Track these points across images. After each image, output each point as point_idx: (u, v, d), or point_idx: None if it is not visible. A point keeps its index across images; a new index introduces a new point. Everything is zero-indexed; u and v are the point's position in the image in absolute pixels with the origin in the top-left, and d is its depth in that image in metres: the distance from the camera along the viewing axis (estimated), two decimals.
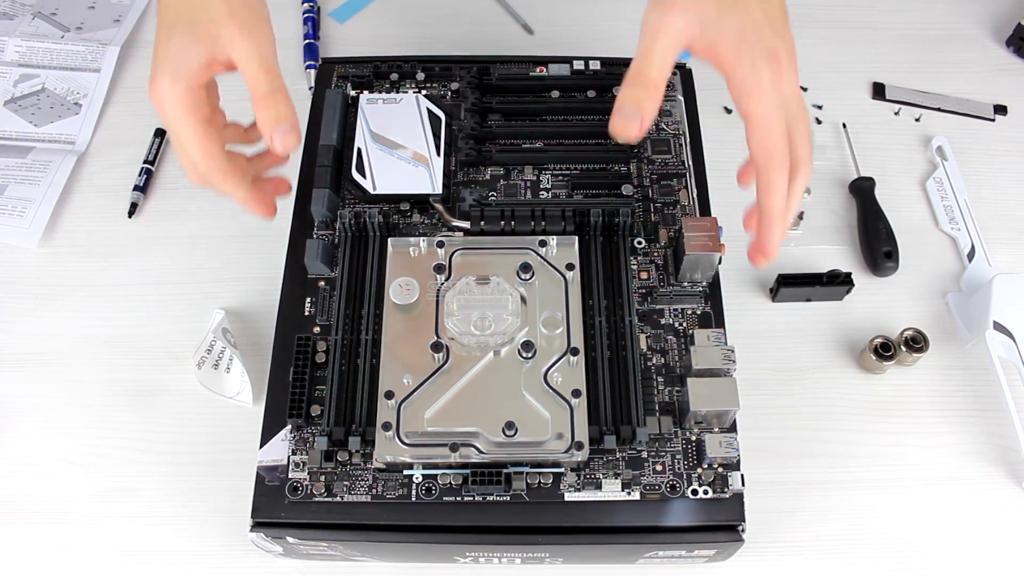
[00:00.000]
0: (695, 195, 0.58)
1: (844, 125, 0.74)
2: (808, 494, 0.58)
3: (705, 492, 0.48)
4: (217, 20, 0.45)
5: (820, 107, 0.75)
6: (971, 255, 0.67)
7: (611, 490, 0.47)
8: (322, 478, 0.47)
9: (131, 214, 0.68)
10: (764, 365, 0.62)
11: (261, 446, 0.50)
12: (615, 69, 0.61)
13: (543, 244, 0.52)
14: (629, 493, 0.48)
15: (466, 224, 0.54)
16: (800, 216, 0.69)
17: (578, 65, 0.61)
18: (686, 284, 0.54)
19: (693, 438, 0.49)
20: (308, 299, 0.53)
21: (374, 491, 0.47)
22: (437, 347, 0.48)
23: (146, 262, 0.66)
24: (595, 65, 0.61)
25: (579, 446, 0.46)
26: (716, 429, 0.49)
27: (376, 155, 0.56)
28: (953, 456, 0.59)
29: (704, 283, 0.54)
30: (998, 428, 0.60)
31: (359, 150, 0.56)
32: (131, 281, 0.66)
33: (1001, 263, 0.67)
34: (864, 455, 0.59)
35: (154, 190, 0.70)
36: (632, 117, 0.44)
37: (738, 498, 0.50)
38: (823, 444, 0.60)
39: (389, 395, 0.47)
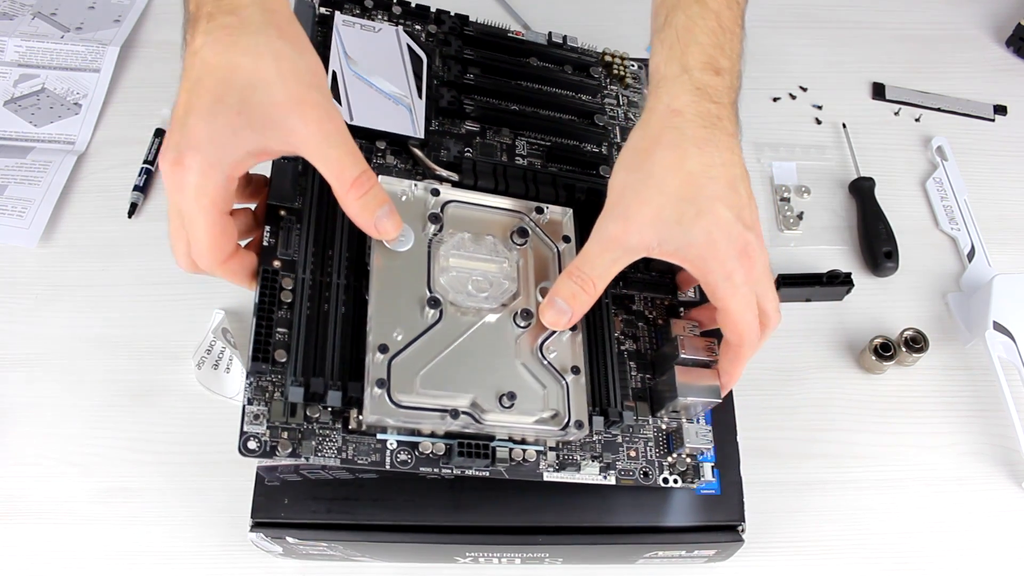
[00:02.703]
0: None
1: (844, 125, 0.74)
2: (808, 494, 0.58)
3: (676, 482, 0.47)
4: (279, 104, 0.38)
5: (820, 107, 0.75)
6: (971, 255, 0.67)
7: (589, 473, 0.46)
8: (285, 435, 0.41)
9: (131, 214, 0.68)
10: (764, 365, 0.62)
11: None
12: (590, 52, 0.59)
13: (540, 211, 0.48)
14: (606, 477, 0.46)
15: (454, 175, 0.49)
16: (800, 216, 0.69)
17: (556, 39, 0.59)
18: (654, 273, 0.53)
19: (664, 427, 0.48)
20: (267, 227, 0.45)
21: (344, 455, 0.42)
22: (434, 303, 0.43)
23: (146, 262, 0.66)
24: (573, 43, 0.59)
25: (579, 425, 0.44)
26: (693, 420, 0.48)
27: (353, 83, 0.50)
28: (953, 456, 0.59)
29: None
30: (998, 428, 0.60)
31: (334, 73, 0.50)
32: (131, 281, 0.66)
33: (1001, 263, 0.67)
34: (864, 455, 0.59)
35: (154, 190, 0.70)
36: (563, 312, 0.43)
37: (738, 498, 0.50)
38: (823, 444, 0.60)
39: (384, 349, 0.42)
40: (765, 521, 0.56)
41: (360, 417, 0.42)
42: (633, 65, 0.61)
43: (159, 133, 0.72)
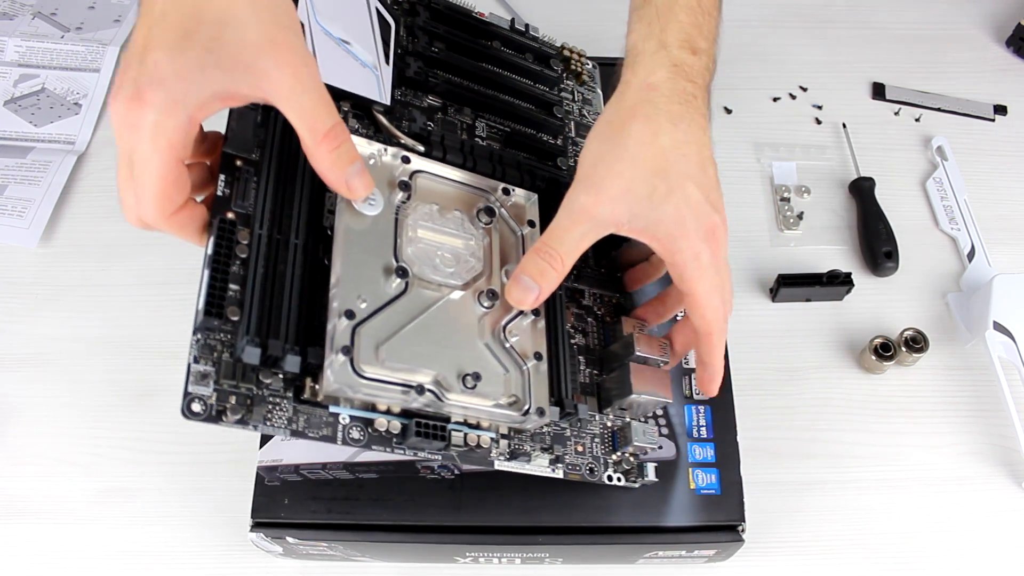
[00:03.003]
0: None
1: (844, 125, 0.74)
2: (808, 494, 0.58)
3: (619, 480, 0.47)
4: (252, 44, 0.35)
5: (820, 107, 0.75)
6: (971, 255, 0.67)
7: (539, 464, 0.45)
8: (233, 399, 0.38)
9: None
10: (764, 365, 0.62)
11: (261, 446, 0.50)
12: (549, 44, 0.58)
13: (506, 192, 0.47)
14: (554, 470, 0.45)
15: (419, 147, 0.47)
16: (800, 216, 0.69)
17: (518, 26, 0.58)
18: (603, 270, 0.52)
19: (610, 424, 0.48)
20: (222, 176, 0.41)
21: (295, 426, 0.39)
22: (402, 273, 0.41)
23: (146, 262, 0.66)
24: (534, 33, 0.58)
25: (540, 412, 0.42)
26: (640, 418, 0.48)
27: (321, 38, 0.47)
28: (953, 456, 0.59)
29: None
30: (998, 428, 0.60)
31: (302, 24, 0.46)
32: (131, 281, 0.66)
33: (1001, 263, 0.67)
34: (864, 455, 0.59)
35: None
36: (530, 289, 0.42)
37: (737, 498, 0.50)
38: (823, 444, 0.60)
39: (350, 315, 0.39)
40: (765, 521, 0.56)
41: (317, 386, 0.39)
42: (588, 64, 0.60)
43: None
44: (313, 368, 0.39)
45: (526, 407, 0.42)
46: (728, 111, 0.74)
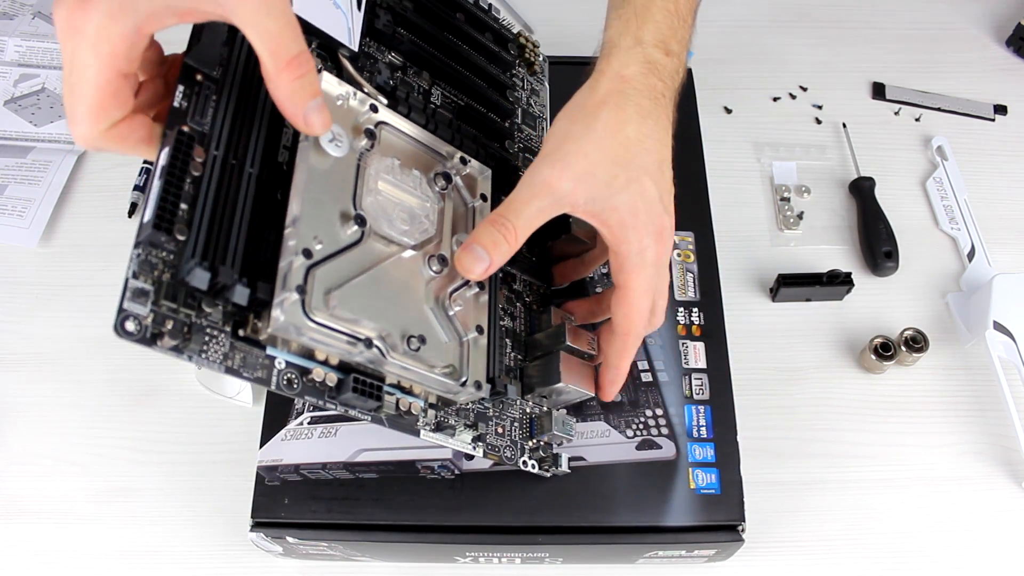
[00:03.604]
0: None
1: (844, 125, 0.74)
2: (808, 494, 0.58)
3: (533, 467, 0.47)
4: None
5: (820, 107, 0.75)
6: (971, 255, 0.67)
7: (462, 440, 0.44)
8: (169, 324, 0.35)
9: (131, 214, 0.68)
10: (764, 365, 0.62)
11: (261, 446, 0.50)
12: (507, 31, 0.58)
13: (464, 162, 0.46)
14: (475, 448, 0.45)
15: (383, 99, 0.45)
16: (800, 216, 0.69)
17: (482, 2, 0.56)
18: (535, 259, 0.52)
19: (528, 410, 0.48)
20: (180, 87, 0.38)
21: (230, 362, 0.37)
22: (360, 221, 0.40)
23: None
24: (496, 14, 0.57)
25: (478, 385, 0.42)
26: (559, 408, 0.48)
27: None
28: (953, 456, 0.59)
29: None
30: (998, 428, 0.60)
31: None
32: None
33: (1001, 263, 0.67)
34: (864, 455, 0.59)
35: None
36: (481, 259, 0.41)
37: (737, 498, 0.50)
38: (823, 444, 0.60)
39: (308, 254, 0.37)
40: (765, 521, 0.56)
41: (260, 323, 0.37)
42: (541, 56, 0.60)
43: None
44: (259, 304, 0.37)
45: (463, 378, 0.42)
46: (728, 111, 0.74)
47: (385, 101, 0.45)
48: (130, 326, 0.34)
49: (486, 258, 0.41)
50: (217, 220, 0.37)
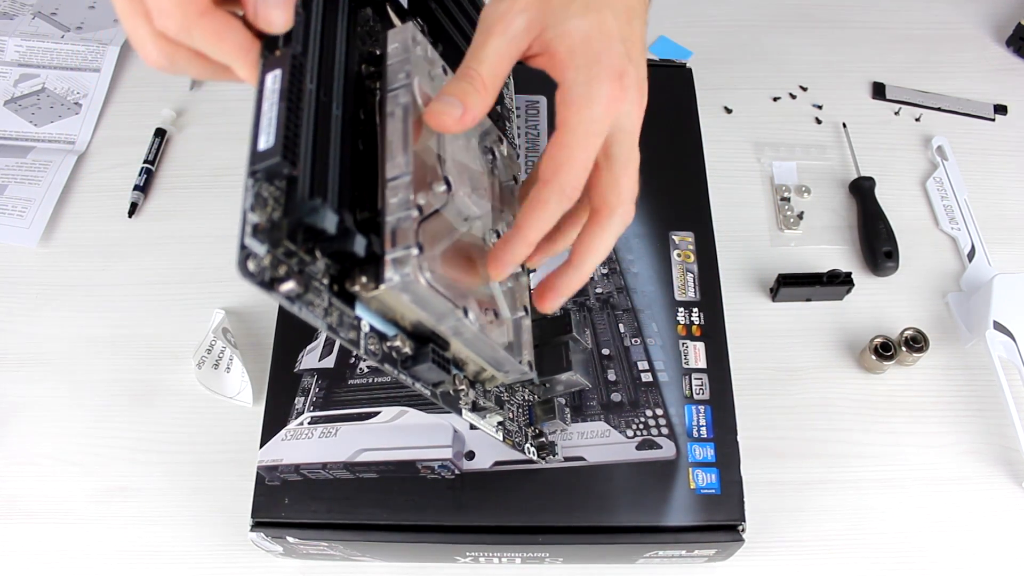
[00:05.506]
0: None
1: (844, 125, 0.74)
2: (808, 494, 0.58)
3: (534, 453, 0.47)
4: None
5: (820, 107, 0.75)
6: (971, 255, 0.67)
7: (491, 422, 0.44)
8: (283, 269, 0.31)
9: (131, 214, 0.68)
10: (764, 365, 0.62)
11: (261, 446, 0.50)
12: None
13: (500, 141, 0.44)
14: (497, 431, 0.44)
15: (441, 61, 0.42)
16: (800, 216, 0.69)
17: None
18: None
19: (527, 396, 0.48)
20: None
21: (329, 319, 0.33)
22: (448, 185, 0.36)
23: (146, 262, 0.66)
24: None
25: (531, 364, 0.40)
26: (559, 397, 0.48)
27: None
28: (953, 456, 0.59)
29: None
30: (998, 428, 0.60)
31: None
32: (131, 281, 0.66)
33: (1001, 263, 0.67)
34: (864, 455, 0.59)
35: (154, 190, 0.70)
36: (451, 104, 0.35)
37: (737, 497, 0.50)
38: (823, 444, 0.60)
39: (420, 211, 0.34)
40: (765, 521, 0.56)
41: (364, 279, 0.33)
42: None
43: (159, 133, 0.72)
44: (370, 258, 0.33)
45: (520, 357, 0.40)
46: (728, 111, 0.74)
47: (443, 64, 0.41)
48: (252, 266, 0.30)
49: (458, 104, 0.35)
50: (320, 162, 0.33)
